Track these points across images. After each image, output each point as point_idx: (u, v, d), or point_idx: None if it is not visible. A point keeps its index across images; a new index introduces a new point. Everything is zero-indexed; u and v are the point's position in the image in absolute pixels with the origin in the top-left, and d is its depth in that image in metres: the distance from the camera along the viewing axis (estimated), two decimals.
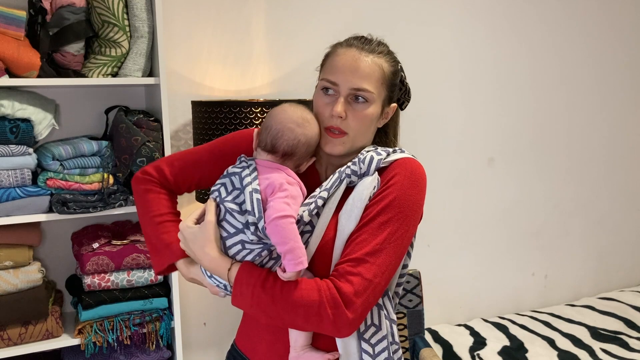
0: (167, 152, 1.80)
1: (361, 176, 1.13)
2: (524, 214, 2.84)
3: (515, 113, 2.74)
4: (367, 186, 1.11)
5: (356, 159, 1.15)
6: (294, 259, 1.03)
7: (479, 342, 2.40)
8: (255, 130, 1.17)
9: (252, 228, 1.05)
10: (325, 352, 1.15)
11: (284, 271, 1.04)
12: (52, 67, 1.67)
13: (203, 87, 2.14)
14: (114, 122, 1.82)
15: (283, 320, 1.05)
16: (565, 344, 2.41)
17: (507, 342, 2.42)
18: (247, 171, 1.10)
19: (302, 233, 1.10)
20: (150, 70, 1.82)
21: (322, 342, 1.16)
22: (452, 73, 2.58)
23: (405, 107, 1.30)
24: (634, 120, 3.08)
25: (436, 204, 2.57)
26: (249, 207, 1.05)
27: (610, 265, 3.14)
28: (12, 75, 1.63)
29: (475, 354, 2.31)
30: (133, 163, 1.75)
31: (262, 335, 1.22)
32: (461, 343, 2.39)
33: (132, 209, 1.79)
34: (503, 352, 2.33)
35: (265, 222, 1.04)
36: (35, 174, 1.70)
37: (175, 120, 2.11)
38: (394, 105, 1.23)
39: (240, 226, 1.07)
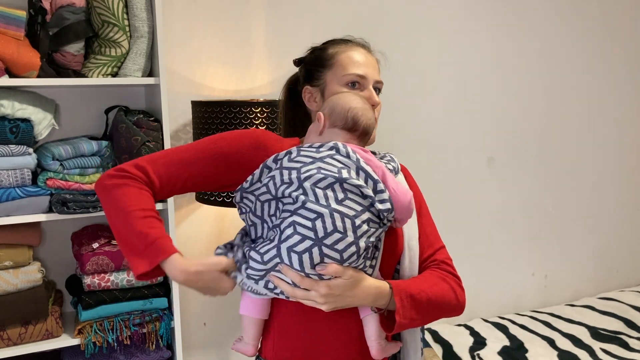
0: None
1: (396, 173, 1.24)
2: (523, 214, 2.84)
3: (515, 113, 2.74)
4: (404, 182, 1.25)
5: (388, 158, 1.26)
6: None
7: (479, 342, 2.40)
8: (320, 113, 1.15)
9: (383, 196, 1.07)
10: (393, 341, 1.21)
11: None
12: (52, 67, 1.67)
13: (203, 87, 2.14)
14: (114, 122, 1.82)
15: (432, 318, 1.16)
16: (565, 344, 2.41)
17: (507, 342, 2.41)
18: (345, 150, 1.09)
19: None
20: (150, 70, 1.82)
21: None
22: (452, 73, 2.58)
23: None
24: (634, 119, 3.08)
25: (436, 204, 2.57)
26: (374, 177, 1.08)
27: (610, 265, 3.14)
28: (12, 75, 1.63)
29: (475, 354, 2.31)
30: None
31: (327, 346, 1.16)
32: (461, 343, 2.39)
33: None
34: (503, 352, 2.33)
35: (400, 204, 1.10)
36: (35, 174, 1.70)
37: (175, 120, 2.11)
38: None
39: (367, 203, 1.06)
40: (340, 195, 1.04)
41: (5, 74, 1.60)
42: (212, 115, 1.82)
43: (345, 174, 1.05)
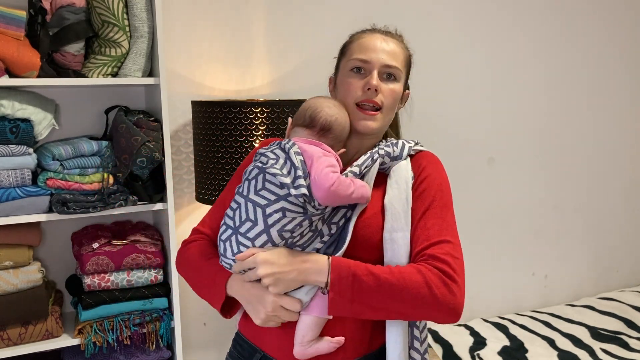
0: (167, 152, 1.80)
1: (394, 159, 1.19)
2: (524, 214, 2.84)
3: (516, 113, 2.74)
4: (406, 169, 1.18)
5: (389, 143, 1.21)
6: (360, 198, 1.10)
7: (479, 342, 2.40)
8: (290, 119, 1.21)
9: (300, 181, 1.06)
10: (330, 337, 1.14)
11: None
12: (52, 67, 1.67)
13: (203, 87, 2.14)
14: (114, 122, 1.82)
15: (390, 310, 1.05)
16: (565, 344, 2.41)
17: (507, 342, 2.42)
18: (284, 143, 1.13)
19: (339, 206, 1.13)
20: (150, 70, 1.82)
21: (332, 332, 1.15)
22: (453, 73, 2.58)
23: (406, 101, 1.34)
24: (634, 119, 3.08)
25: None
26: (297, 164, 1.07)
27: (610, 265, 3.14)
28: (12, 75, 1.63)
29: (475, 354, 2.31)
30: (133, 163, 1.75)
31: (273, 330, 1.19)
32: (461, 343, 2.39)
33: (132, 209, 1.79)
34: (503, 352, 2.33)
35: (318, 190, 1.06)
36: (35, 174, 1.70)
37: (175, 120, 2.11)
38: (408, 91, 1.31)
39: (283, 193, 1.06)
40: (259, 185, 1.08)
41: (5, 74, 1.60)
42: (212, 115, 1.82)
43: (269, 163, 1.09)
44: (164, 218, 1.88)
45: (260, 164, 1.11)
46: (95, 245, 1.78)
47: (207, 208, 2.19)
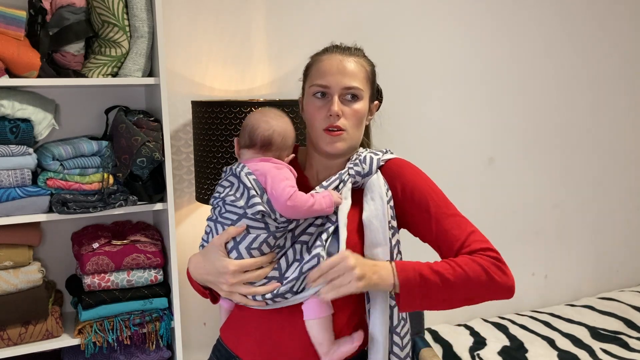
0: (167, 152, 1.79)
1: (364, 176, 1.21)
2: (524, 214, 2.84)
3: (515, 113, 2.74)
4: (378, 184, 1.20)
5: (357, 161, 1.23)
6: (325, 208, 1.13)
7: (479, 342, 2.40)
8: (235, 139, 1.26)
9: (254, 200, 1.12)
10: (348, 336, 1.18)
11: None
12: (52, 67, 1.67)
13: (203, 87, 2.14)
14: (114, 122, 1.82)
15: (454, 300, 1.12)
16: (565, 344, 2.41)
17: (507, 342, 2.41)
18: (236, 168, 1.19)
19: (307, 228, 1.18)
20: (150, 70, 1.82)
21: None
22: (452, 73, 2.58)
23: (378, 108, 1.35)
24: (634, 119, 3.08)
25: None
26: (248, 185, 1.13)
27: (610, 265, 3.14)
28: (12, 75, 1.63)
29: (475, 354, 2.31)
30: (133, 163, 1.75)
31: (249, 330, 1.22)
32: (461, 343, 2.39)
33: (132, 209, 1.79)
34: (503, 352, 2.33)
35: (276, 205, 1.12)
36: (35, 174, 1.70)
37: (175, 120, 2.11)
38: (376, 102, 1.31)
39: (242, 212, 1.13)
40: (222, 210, 1.17)
41: (5, 74, 1.60)
42: (212, 115, 1.82)
43: (225, 192, 1.18)
44: (164, 218, 1.88)
45: (217, 194, 1.20)
46: (95, 245, 1.78)
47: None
